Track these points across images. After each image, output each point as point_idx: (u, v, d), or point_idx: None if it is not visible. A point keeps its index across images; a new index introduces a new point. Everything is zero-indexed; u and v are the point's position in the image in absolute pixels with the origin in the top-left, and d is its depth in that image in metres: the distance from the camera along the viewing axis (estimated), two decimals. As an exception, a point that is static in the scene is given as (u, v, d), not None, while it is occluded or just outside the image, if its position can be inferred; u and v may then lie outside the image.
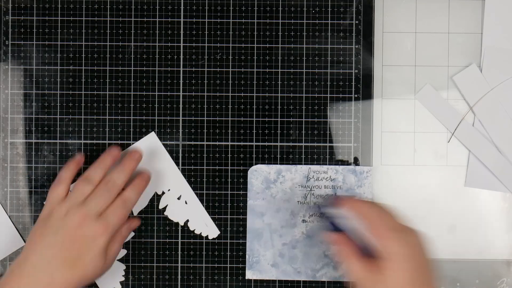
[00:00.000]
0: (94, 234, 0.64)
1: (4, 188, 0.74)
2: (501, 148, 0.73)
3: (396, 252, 0.58)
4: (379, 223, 0.60)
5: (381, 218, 0.60)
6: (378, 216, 0.61)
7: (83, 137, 0.75)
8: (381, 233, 0.59)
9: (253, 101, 0.75)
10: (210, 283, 0.74)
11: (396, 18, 0.75)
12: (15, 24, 0.75)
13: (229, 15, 0.75)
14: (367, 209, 0.62)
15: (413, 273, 0.57)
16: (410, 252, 0.58)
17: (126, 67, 0.75)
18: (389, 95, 0.75)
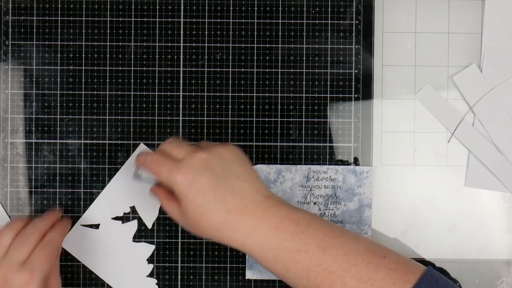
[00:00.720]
0: (21, 284, 0.62)
1: (4, 188, 0.74)
2: (501, 148, 0.74)
3: (178, 183, 0.59)
4: (157, 166, 0.61)
5: (159, 160, 0.61)
6: (156, 160, 0.62)
7: (83, 137, 0.75)
8: (162, 174, 0.60)
9: (253, 101, 0.75)
10: (210, 283, 0.74)
11: (396, 18, 0.75)
12: (15, 24, 0.75)
13: (229, 15, 0.75)
14: (144, 158, 0.63)
15: (203, 194, 0.58)
16: (192, 176, 0.58)
17: (126, 67, 0.75)
18: (389, 95, 0.75)
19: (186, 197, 0.59)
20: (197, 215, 0.59)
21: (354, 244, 0.57)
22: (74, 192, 0.74)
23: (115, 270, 0.74)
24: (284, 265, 0.58)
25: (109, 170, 0.74)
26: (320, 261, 0.56)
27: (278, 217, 0.58)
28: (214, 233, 0.59)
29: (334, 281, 0.55)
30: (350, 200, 0.74)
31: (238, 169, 0.61)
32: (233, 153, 0.62)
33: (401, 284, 0.54)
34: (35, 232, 0.66)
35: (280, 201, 0.61)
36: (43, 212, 0.74)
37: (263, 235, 0.58)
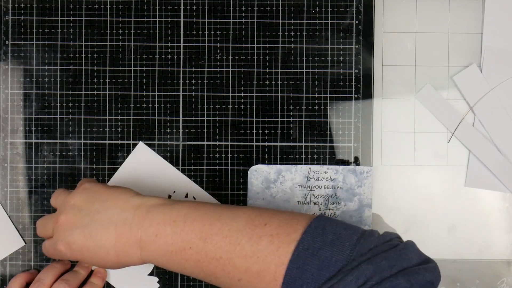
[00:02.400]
0: None
1: (4, 188, 0.74)
2: (501, 148, 0.73)
3: (64, 256, 0.63)
4: (48, 253, 0.65)
5: (44, 249, 0.66)
6: (44, 250, 0.66)
7: (83, 137, 0.75)
8: (54, 257, 0.64)
9: (253, 101, 0.75)
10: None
11: (396, 18, 0.75)
12: (15, 24, 0.75)
13: (229, 15, 0.75)
14: None
15: (85, 249, 0.61)
16: (66, 244, 0.61)
17: (126, 67, 0.75)
18: (389, 95, 0.75)
19: (77, 259, 0.62)
20: (94, 263, 0.62)
21: (234, 223, 0.57)
22: (74, 192, 0.74)
23: (116, 269, 0.74)
24: (179, 265, 0.59)
25: (109, 170, 0.74)
26: (206, 252, 0.57)
27: (155, 224, 0.59)
28: (117, 265, 0.62)
29: (224, 265, 0.56)
30: (350, 200, 0.74)
31: (96, 205, 0.62)
32: (83, 194, 0.63)
33: (286, 246, 0.54)
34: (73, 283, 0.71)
35: (151, 205, 0.61)
36: (43, 213, 0.74)
37: (149, 247, 0.59)
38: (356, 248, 0.52)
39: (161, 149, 0.75)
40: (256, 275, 0.55)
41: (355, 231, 0.54)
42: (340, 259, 0.52)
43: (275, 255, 0.54)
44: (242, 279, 0.56)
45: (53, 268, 0.71)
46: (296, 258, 0.53)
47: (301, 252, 0.53)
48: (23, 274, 0.72)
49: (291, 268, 0.53)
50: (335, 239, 0.53)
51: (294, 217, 0.57)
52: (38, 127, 0.75)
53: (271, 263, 0.54)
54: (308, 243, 0.53)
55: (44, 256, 0.74)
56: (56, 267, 0.71)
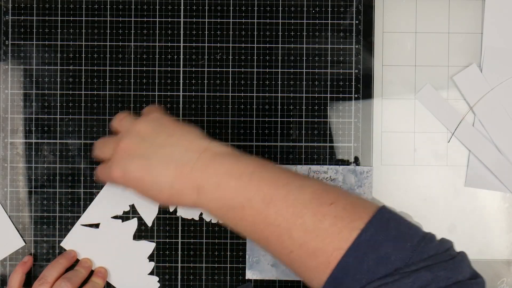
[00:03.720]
0: None
1: (4, 188, 0.74)
2: (501, 148, 0.73)
3: (117, 182, 0.61)
4: (100, 176, 0.64)
5: (98, 171, 0.65)
6: (97, 173, 0.65)
7: (83, 137, 0.75)
8: (106, 180, 0.65)
9: (253, 101, 0.75)
10: (210, 283, 0.74)
11: (396, 18, 0.75)
12: (15, 24, 0.75)
13: (229, 15, 0.75)
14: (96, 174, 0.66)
15: (140, 180, 0.59)
16: (122, 170, 0.59)
17: (126, 67, 0.75)
18: (389, 95, 0.75)
19: (129, 187, 0.60)
20: (146, 196, 0.60)
21: (300, 194, 0.55)
22: (74, 192, 0.74)
23: (116, 269, 0.74)
24: (233, 220, 0.57)
25: (109, 170, 0.74)
26: (265, 216, 0.55)
27: (219, 174, 0.56)
28: (168, 204, 0.60)
29: (280, 234, 0.54)
30: (350, 200, 0.74)
31: (161, 138, 0.60)
32: (150, 123, 0.61)
33: (348, 231, 0.52)
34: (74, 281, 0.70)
35: (219, 153, 0.58)
36: (43, 213, 0.74)
37: (207, 195, 0.57)
38: (417, 251, 0.51)
39: (161, 149, 0.75)
40: (310, 252, 0.53)
41: (416, 232, 0.53)
42: (400, 258, 0.51)
43: (336, 238, 0.52)
44: (294, 252, 0.54)
45: (57, 264, 0.71)
46: (356, 247, 0.51)
47: (362, 242, 0.52)
48: (20, 267, 0.72)
49: (348, 256, 0.51)
50: (398, 237, 0.52)
51: (360, 203, 0.55)
52: (38, 127, 0.75)
53: (330, 245, 0.52)
54: (371, 235, 0.52)
55: (44, 256, 0.74)
56: (61, 264, 0.71)
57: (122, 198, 0.74)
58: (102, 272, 0.73)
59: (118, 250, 0.74)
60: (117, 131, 0.64)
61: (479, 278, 0.52)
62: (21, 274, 0.72)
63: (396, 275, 0.50)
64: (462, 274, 0.51)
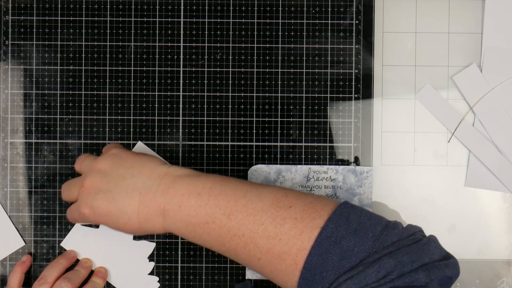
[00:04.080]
0: None
1: (4, 188, 0.74)
2: (501, 148, 0.73)
3: (88, 220, 0.63)
4: (72, 218, 0.66)
5: (69, 213, 0.67)
6: (68, 215, 0.67)
7: (83, 137, 0.75)
8: (78, 221, 0.66)
9: (253, 101, 0.75)
10: (210, 283, 0.74)
11: (396, 18, 0.75)
12: (15, 24, 0.75)
13: (229, 15, 0.75)
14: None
15: (108, 213, 0.61)
16: (90, 207, 0.62)
17: (126, 67, 0.75)
18: (389, 95, 0.75)
19: (100, 223, 0.63)
20: (117, 228, 0.62)
21: (259, 202, 0.56)
22: (74, 192, 0.74)
23: (116, 269, 0.74)
24: (200, 237, 0.59)
25: (109, 170, 0.74)
26: (228, 228, 0.56)
27: (179, 195, 0.59)
28: (139, 232, 0.62)
29: (246, 244, 0.56)
30: (350, 200, 0.74)
31: (121, 171, 0.62)
32: (110, 160, 0.63)
33: (309, 231, 0.53)
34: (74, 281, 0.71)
35: (177, 175, 0.61)
36: (43, 213, 0.74)
37: (172, 217, 0.59)
38: (379, 240, 0.52)
39: (161, 149, 0.75)
40: (277, 256, 0.54)
41: (379, 221, 0.54)
42: (362, 250, 0.51)
43: (298, 239, 0.54)
44: (262, 258, 0.55)
45: (57, 264, 0.71)
46: (318, 245, 0.52)
47: (324, 240, 0.53)
48: (19, 267, 0.72)
49: (312, 254, 0.52)
50: (359, 229, 0.53)
51: (319, 202, 0.56)
52: (38, 127, 0.75)
53: (293, 247, 0.54)
54: (332, 231, 0.53)
55: (44, 256, 0.74)
56: (61, 264, 0.71)
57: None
58: (102, 272, 0.73)
59: (118, 250, 0.74)
60: (80, 172, 0.66)
61: (451, 259, 0.52)
62: (20, 274, 0.72)
63: (360, 266, 0.51)
64: (428, 257, 0.51)
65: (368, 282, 0.50)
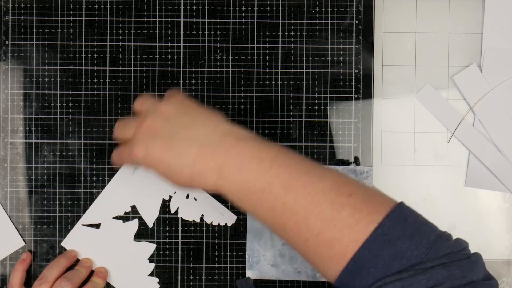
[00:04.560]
0: None
1: (4, 188, 0.74)
2: (501, 148, 0.73)
3: (139, 161, 0.60)
4: (121, 158, 0.63)
5: (119, 152, 0.64)
6: (117, 154, 0.64)
7: (83, 137, 0.75)
8: (128, 161, 0.63)
9: (253, 101, 0.75)
10: (210, 283, 0.74)
11: (396, 18, 0.75)
12: (15, 24, 0.75)
13: (229, 15, 0.75)
14: (114, 158, 0.65)
15: (162, 159, 0.58)
16: (145, 149, 0.59)
17: (126, 67, 0.75)
18: (389, 95, 0.75)
19: (150, 167, 0.59)
20: (166, 176, 0.59)
21: (320, 183, 0.54)
22: (74, 192, 0.74)
23: (116, 269, 0.74)
24: (251, 204, 0.56)
25: (109, 170, 0.74)
26: (284, 201, 0.54)
27: (241, 156, 0.56)
28: (188, 185, 0.59)
29: (297, 221, 0.54)
30: (350, 200, 0.73)
31: (185, 119, 0.60)
32: (174, 105, 0.61)
33: (365, 224, 0.52)
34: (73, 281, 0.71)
35: (242, 137, 0.58)
36: (43, 213, 0.74)
37: (228, 177, 0.56)
38: (433, 248, 0.51)
39: (161, 149, 0.75)
40: (326, 242, 0.53)
41: (433, 229, 0.53)
42: (415, 255, 0.51)
43: (353, 229, 0.52)
44: (310, 240, 0.54)
45: (58, 264, 0.71)
46: (372, 240, 0.51)
47: (379, 236, 0.51)
48: (19, 265, 0.73)
49: (364, 248, 0.51)
50: (414, 233, 0.52)
51: (379, 196, 0.55)
52: (38, 127, 0.75)
53: (346, 236, 0.52)
54: (388, 229, 0.51)
55: (44, 256, 0.74)
56: (61, 263, 0.71)
57: (123, 199, 0.74)
58: (102, 272, 0.73)
59: (119, 250, 0.74)
60: (139, 112, 0.63)
61: (492, 280, 0.52)
62: (21, 272, 0.72)
63: (411, 271, 0.50)
64: (476, 275, 0.51)
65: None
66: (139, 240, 0.74)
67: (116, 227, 0.74)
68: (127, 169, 0.74)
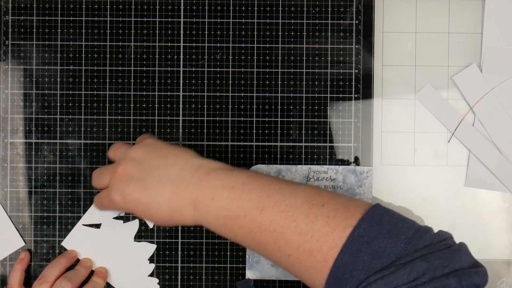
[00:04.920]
0: None
1: (4, 188, 0.74)
2: (501, 148, 0.73)
3: (117, 207, 0.63)
4: (100, 205, 0.66)
5: (97, 199, 0.67)
6: (96, 201, 0.67)
7: (83, 137, 0.75)
8: (107, 208, 0.65)
9: (253, 101, 0.75)
10: (210, 283, 0.74)
11: (396, 18, 0.75)
12: (15, 24, 0.75)
13: (229, 15, 0.75)
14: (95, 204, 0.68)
15: (138, 202, 0.61)
16: (121, 194, 0.61)
17: (126, 67, 0.75)
18: (389, 95, 0.75)
19: (129, 210, 0.62)
20: (146, 217, 0.62)
21: (292, 198, 0.56)
22: (74, 192, 0.74)
23: (116, 270, 0.74)
24: (230, 230, 0.59)
25: (109, 170, 0.74)
26: (260, 223, 0.56)
27: (212, 187, 0.59)
28: (168, 222, 0.61)
29: (276, 239, 0.56)
30: (350, 200, 0.74)
31: (155, 160, 0.62)
32: (145, 149, 0.63)
33: (341, 230, 0.53)
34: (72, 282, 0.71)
35: (212, 168, 0.61)
36: (43, 213, 0.74)
37: (203, 209, 0.59)
38: (411, 242, 0.52)
39: (161, 149, 0.75)
40: (307, 253, 0.54)
41: (411, 225, 0.54)
42: (394, 251, 0.51)
43: (330, 237, 0.53)
44: (292, 255, 0.55)
45: (58, 264, 0.71)
46: (350, 244, 0.52)
47: (356, 239, 0.52)
48: (18, 265, 0.73)
49: (344, 253, 0.52)
50: (391, 231, 0.53)
51: (352, 202, 0.57)
52: (38, 127, 0.75)
53: (324, 244, 0.53)
54: (364, 231, 0.53)
55: (44, 256, 0.74)
56: (61, 263, 0.72)
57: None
58: (102, 272, 0.73)
59: (119, 251, 0.74)
60: (113, 160, 0.66)
61: (480, 267, 0.52)
62: (20, 272, 0.72)
63: (392, 268, 0.51)
64: (459, 263, 0.51)
65: (399, 283, 0.49)
66: (139, 241, 0.74)
67: (117, 227, 0.74)
68: (112, 214, 0.75)
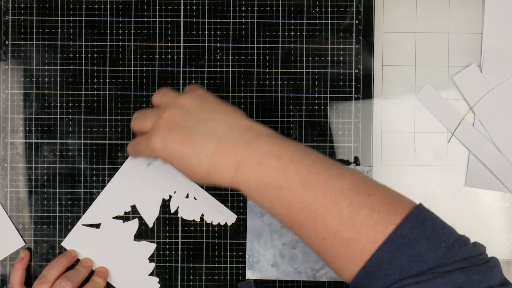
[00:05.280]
0: None
1: (4, 188, 0.74)
2: (501, 148, 0.74)
3: (156, 152, 0.59)
4: (138, 149, 0.63)
5: (135, 143, 0.63)
6: (133, 144, 0.64)
7: (83, 137, 0.75)
8: (144, 153, 0.62)
9: (253, 101, 0.75)
10: (210, 283, 0.74)
11: (396, 18, 0.75)
12: (15, 24, 0.75)
13: (229, 15, 0.75)
14: (130, 149, 0.65)
15: (180, 151, 0.58)
16: (163, 140, 0.58)
17: (126, 67, 0.75)
18: (389, 95, 0.75)
19: (167, 159, 0.59)
20: (183, 169, 0.58)
21: (339, 182, 0.54)
22: (74, 192, 0.74)
23: (116, 269, 0.74)
24: (269, 201, 0.56)
25: (109, 170, 0.74)
26: (302, 199, 0.54)
27: (260, 152, 0.56)
28: (204, 179, 0.58)
29: (315, 219, 0.53)
30: (350, 200, 0.74)
31: (205, 113, 0.59)
32: (195, 99, 0.60)
33: (384, 225, 0.51)
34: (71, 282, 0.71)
35: (261, 133, 0.58)
36: (43, 213, 0.74)
37: (246, 172, 0.56)
38: (451, 252, 0.51)
39: (161, 149, 0.75)
40: (344, 241, 0.52)
41: (451, 233, 0.52)
42: (433, 258, 0.50)
43: (371, 230, 0.52)
44: (327, 239, 0.53)
45: (58, 264, 0.71)
46: (390, 242, 0.51)
47: (397, 238, 0.51)
48: (19, 264, 0.73)
49: (382, 249, 0.51)
50: (433, 236, 0.51)
51: (398, 197, 0.55)
52: (38, 127, 0.75)
53: (364, 236, 0.52)
54: (406, 231, 0.51)
55: (44, 256, 0.74)
56: (61, 263, 0.72)
57: (123, 198, 0.74)
58: (103, 271, 0.73)
59: (119, 250, 0.74)
60: (158, 105, 0.63)
61: (509, 286, 0.51)
62: (21, 271, 0.72)
63: (429, 274, 0.49)
64: (493, 280, 0.50)
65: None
66: (139, 240, 0.74)
67: (116, 227, 0.74)
68: (142, 162, 0.73)
